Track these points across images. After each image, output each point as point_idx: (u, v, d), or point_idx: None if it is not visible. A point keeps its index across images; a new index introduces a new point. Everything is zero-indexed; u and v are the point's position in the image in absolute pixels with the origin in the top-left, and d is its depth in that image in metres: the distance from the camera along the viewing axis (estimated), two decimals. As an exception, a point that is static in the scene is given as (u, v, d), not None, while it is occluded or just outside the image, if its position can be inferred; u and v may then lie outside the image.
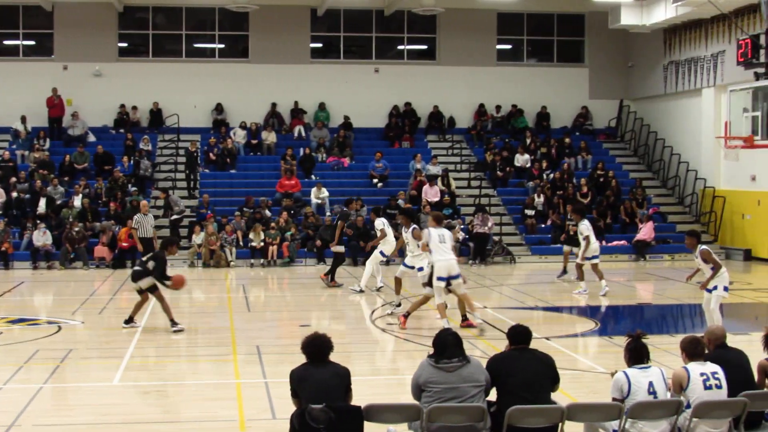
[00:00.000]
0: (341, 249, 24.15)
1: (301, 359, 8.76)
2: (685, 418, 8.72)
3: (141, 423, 11.25)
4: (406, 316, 17.26)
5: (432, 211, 18.10)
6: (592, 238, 22.06)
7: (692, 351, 9.08)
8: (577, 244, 23.43)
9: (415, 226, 18.82)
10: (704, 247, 15.88)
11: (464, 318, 17.22)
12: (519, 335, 9.24)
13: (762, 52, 21.94)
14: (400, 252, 22.04)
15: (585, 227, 22.02)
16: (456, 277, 16.78)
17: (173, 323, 17.16)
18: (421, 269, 18.06)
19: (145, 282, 17.18)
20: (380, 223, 22.09)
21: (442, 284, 16.68)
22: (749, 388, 9.01)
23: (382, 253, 22.15)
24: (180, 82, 35.76)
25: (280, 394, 10.95)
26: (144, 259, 17.81)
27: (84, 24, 35.13)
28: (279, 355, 15.23)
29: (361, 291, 21.97)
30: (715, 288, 15.58)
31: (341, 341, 16.11)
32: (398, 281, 19.24)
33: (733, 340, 9.86)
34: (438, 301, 16.70)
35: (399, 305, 18.95)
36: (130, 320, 17.41)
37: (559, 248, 27.72)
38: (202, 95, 35.86)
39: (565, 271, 25.22)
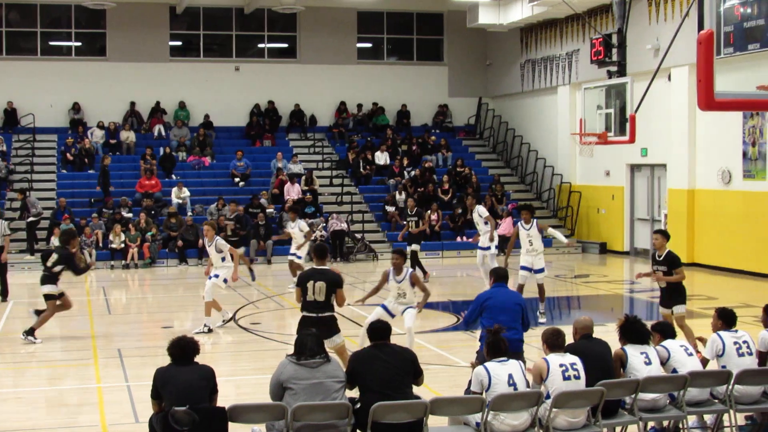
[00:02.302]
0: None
1: (164, 362, 8.68)
2: (546, 408, 8.92)
3: (-2, 431, 10.99)
4: None
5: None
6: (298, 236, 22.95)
7: (553, 342, 9.31)
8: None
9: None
10: (412, 270, 14.81)
11: None
12: (378, 331, 9.33)
13: (614, 50, 22.51)
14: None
15: (304, 224, 22.81)
16: None
17: (31, 332, 16.31)
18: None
19: (47, 288, 16.40)
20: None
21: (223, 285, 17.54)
22: (608, 377, 9.28)
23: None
24: (35, 81, 34.78)
25: (143, 397, 10.82)
26: (48, 264, 16.49)
27: (-67, 21, 33.96)
28: (141, 357, 15.05)
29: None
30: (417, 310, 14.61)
31: (206, 341, 16.02)
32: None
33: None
34: (209, 299, 17.07)
35: None
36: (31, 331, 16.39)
37: (430, 244, 27.75)
38: (58, 94, 34.96)
39: (253, 277, 23.59)
